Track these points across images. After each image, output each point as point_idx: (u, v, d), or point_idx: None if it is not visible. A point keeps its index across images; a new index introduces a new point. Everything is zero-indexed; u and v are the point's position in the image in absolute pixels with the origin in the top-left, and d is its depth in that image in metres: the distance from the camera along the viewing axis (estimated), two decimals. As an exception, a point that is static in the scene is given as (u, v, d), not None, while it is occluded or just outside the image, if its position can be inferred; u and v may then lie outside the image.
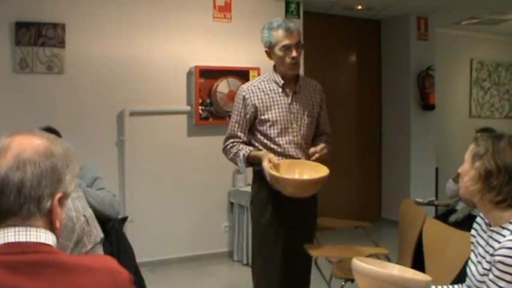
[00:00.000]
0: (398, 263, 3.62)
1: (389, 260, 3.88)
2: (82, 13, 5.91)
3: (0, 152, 1.42)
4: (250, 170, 6.59)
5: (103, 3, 6.01)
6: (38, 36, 5.69)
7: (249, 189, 6.30)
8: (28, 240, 1.38)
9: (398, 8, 7.69)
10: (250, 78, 6.58)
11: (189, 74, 6.41)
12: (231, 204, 6.61)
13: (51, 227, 1.46)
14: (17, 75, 5.65)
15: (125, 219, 4.06)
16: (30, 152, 1.44)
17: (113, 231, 3.64)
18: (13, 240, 1.37)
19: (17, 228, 1.38)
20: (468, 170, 2.28)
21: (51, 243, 1.42)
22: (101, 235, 2.86)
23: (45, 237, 1.41)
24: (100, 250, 2.78)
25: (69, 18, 5.84)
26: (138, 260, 3.88)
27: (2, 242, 1.37)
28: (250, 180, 6.50)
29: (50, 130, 3.78)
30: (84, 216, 2.75)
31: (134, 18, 6.15)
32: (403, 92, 8.19)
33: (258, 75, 6.59)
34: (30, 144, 1.45)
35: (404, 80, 8.16)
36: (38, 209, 1.43)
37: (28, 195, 1.42)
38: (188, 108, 6.42)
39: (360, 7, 7.66)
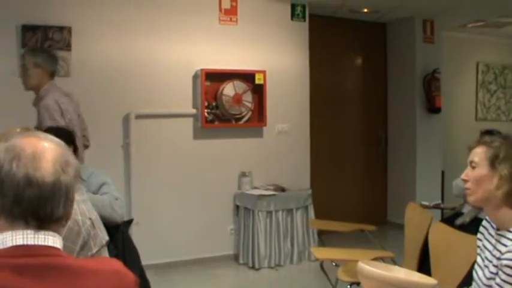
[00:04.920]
0: (404, 266, 3.61)
1: (395, 263, 3.87)
2: (88, 16, 5.93)
3: (35, 155, 1.39)
4: (256, 172, 6.63)
5: (109, 6, 6.03)
6: (44, 39, 5.70)
7: (255, 192, 6.35)
8: (36, 243, 1.37)
9: (404, 10, 7.68)
10: (256, 80, 6.60)
11: (195, 77, 6.42)
12: (237, 207, 6.61)
13: (59, 231, 1.46)
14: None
15: (130, 221, 4.06)
16: (63, 154, 1.44)
17: (118, 234, 3.63)
18: (21, 243, 1.36)
19: (25, 231, 1.37)
20: (489, 175, 2.25)
21: (58, 246, 1.42)
22: (106, 238, 2.85)
23: (53, 240, 1.40)
24: (105, 253, 2.78)
25: (75, 21, 5.85)
26: (143, 263, 3.87)
27: (10, 244, 1.36)
28: (256, 183, 6.55)
29: (61, 130, 3.82)
30: (90, 219, 2.76)
31: (140, 21, 6.16)
32: (408, 94, 8.17)
33: (264, 77, 6.61)
34: (51, 146, 1.44)
35: (410, 82, 8.15)
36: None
37: (72, 199, 1.44)
38: (194, 111, 6.42)
39: (365, 10, 7.65)
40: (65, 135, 3.74)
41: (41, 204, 1.38)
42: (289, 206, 6.44)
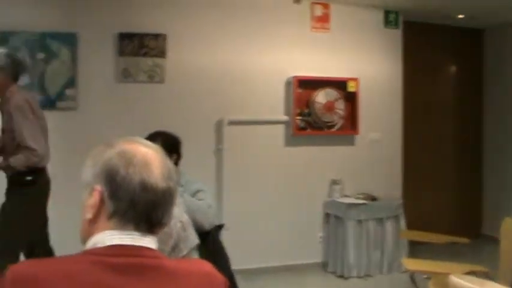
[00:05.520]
0: (498, 282, 3.50)
1: (489, 279, 3.76)
2: (183, 24, 6.07)
3: (146, 161, 1.43)
4: (347, 180, 6.58)
5: (203, 14, 6.15)
6: (140, 46, 5.89)
7: (345, 200, 6.30)
8: (132, 243, 1.41)
9: (503, 16, 7.41)
10: (348, 88, 6.56)
11: (287, 84, 6.45)
12: (327, 214, 6.57)
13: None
14: (120, 84, 5.87)
15: (221, 226, 4.11)
16: (165, 160, 1.49)
17: (209, 238, 3.69)
18: (118, 243, 1.39)
19: (122, 232, 1.41)
20: None
21: (154, 247, 1.45)
22: (197, 241, 2.91)
23: (149, 241, 1.44)
24: (196, 255, 2.83)
25: (170, 29, 6.01)
26: (232, 267, 3.92)
27: (108, 243, 1.39)
28: (346, 191, 6.49)
29: (169, 136, 3.91)
30: (181, 221, 2.81)
31: (233, 29, 6.26)
32: (506, 104, 7.90)
33: (357, 85, 6.57)
34: (154, 152, 1.48)
35: (508, 91, 7.87)
36: None
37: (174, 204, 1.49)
38: (286, 118, 6.45)
39: (461, 16, 7.45)
40: (172, 142, 3.85)
41: (154, 209, 1.42)
42: (379, 215, 6.35)
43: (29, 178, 4.12)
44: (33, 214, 4.22)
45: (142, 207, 1.41)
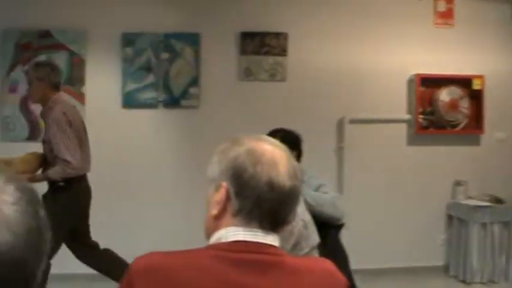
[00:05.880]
0: None
1: None
2: (304, 23, 6.10)
3: (274, 160, 1.44)
4: (471, 182, 6.35)
5: (324, 13, 6.14)
6: (261, 45, 5.97)
7: (469, 202, 6.08)
8: (255, 240, 1.42)
9: None
10: (473, 86, 6.34)
11: (410, 82, 6.33)
12: (449, 216, 6.38)
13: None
14: (242, 82, 6.00)
15: (341, 225, 4.09)
16: (291, 159, 1.49)
17: (329, 237, 3.68)
18: (241, 239, 1.41)
19: (245, 228, 1.42)
20: None
21: (276, 245, 1.46)
22: (317, 239, 2.92)
23: (272, 238, 1.45)
24: (316, 254, 2.84)
25: (291, 28, 6.06)
26: (351, 267, 3.89)
27: (232, 239, 1.42)
28: (471, 192, 6.27)
29: (289, 134, 3.94)
30: (303, 220, 2.83)
31: (354, 27, 6.21)
32: None
33: (482, 83, 6.34)
34: (281, 151, 1.49)
35: None
36: None
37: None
38: (408, 116, 6.33)
39: None
40: (292, 139, 3.88)
41: (279, 208, 1.43)
42: (505, 219, 6.09)
43: (61, 184, 4.20)
44: (65, 219, 4.20)
45: (268, 206, 1.41)
